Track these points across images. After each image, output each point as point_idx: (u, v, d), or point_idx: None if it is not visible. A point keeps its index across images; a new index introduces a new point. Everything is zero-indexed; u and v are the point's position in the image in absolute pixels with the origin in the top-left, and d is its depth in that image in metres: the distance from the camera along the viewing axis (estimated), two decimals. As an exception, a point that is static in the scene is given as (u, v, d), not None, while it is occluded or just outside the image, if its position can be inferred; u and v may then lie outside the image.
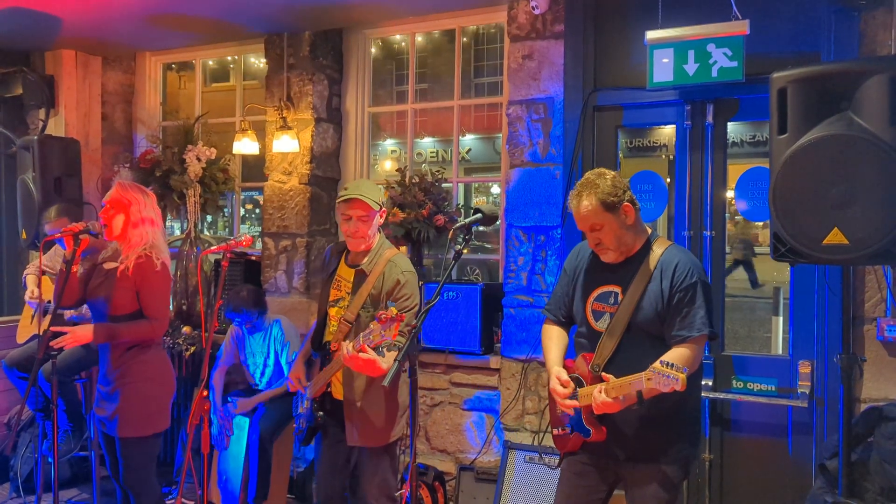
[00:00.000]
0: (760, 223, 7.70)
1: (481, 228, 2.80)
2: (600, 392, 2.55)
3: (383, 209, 3.20)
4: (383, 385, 2.55)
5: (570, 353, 2.91)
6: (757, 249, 8.89)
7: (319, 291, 3.39)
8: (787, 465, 3.84)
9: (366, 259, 3.19)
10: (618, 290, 2.71)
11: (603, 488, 2.79)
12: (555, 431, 2.85)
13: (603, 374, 2.62)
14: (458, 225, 2.63)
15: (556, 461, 2.98)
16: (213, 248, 2.93)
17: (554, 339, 2.91)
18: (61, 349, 3.39)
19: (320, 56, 5.11)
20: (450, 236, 2.66)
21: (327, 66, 5.16)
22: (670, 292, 2.63)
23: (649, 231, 2.80)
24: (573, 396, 2.69)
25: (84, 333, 3.27)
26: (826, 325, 3.66)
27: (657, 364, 2.39)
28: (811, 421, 3.75)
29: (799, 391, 3.76)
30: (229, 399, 4.51)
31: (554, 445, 2.94)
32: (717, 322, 3.09)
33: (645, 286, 2.66)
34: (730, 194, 4.12)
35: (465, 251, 2.61)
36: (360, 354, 2.78)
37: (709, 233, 3.99)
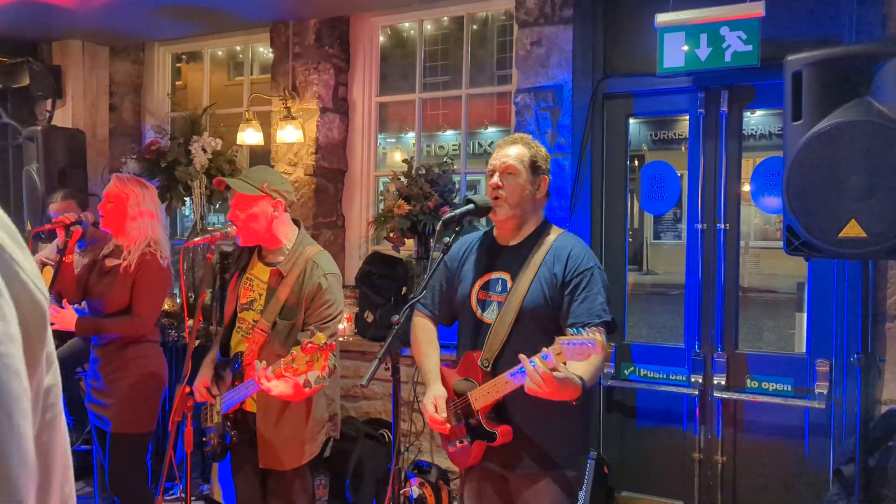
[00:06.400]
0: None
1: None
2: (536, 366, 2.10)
3: (278, 199, 2.81)
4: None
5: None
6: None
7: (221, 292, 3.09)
8: (804, 468, 3.68)
9: (282, 258, 2.85)
10: (506, 276, 2.49)
11: None
12: (450, 449, 2.56)
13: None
14: (446, 217, 2.46)
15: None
16: (196, 239, 2.81)
17: (431, 341, 2.64)
18: None
19: (326, 45, 5.00)
20: (437, 228, 2.50)
21: (334, 55, 5.05)
22: (563, 278, 2.41)
23: (544, 218, 2.60)
24: (464, 405, 2.44)
25: (69, 320, 3.22)
26: (845, 323, 3.49)
27: (562, 336, 2.10)
28: (829, 423, 3.58)
29: (816, 392, 3.59)
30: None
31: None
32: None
33: (536, 272, 2.44)
34: (748, 187, 3.96)
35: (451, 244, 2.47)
36: (280, 382, 2.51)
37: (722, 225, 3.82)
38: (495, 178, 2.48)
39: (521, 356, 2.16)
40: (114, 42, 5.88)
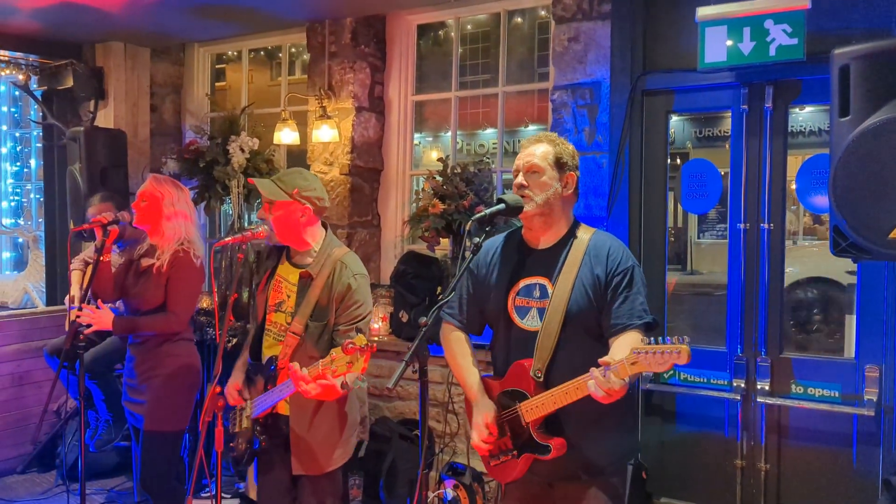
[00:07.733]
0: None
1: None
2: (605, 376, 2.06)
3: (306, 206, 2.78)
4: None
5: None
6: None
7: (255, 292, 3.01)
8: (851, 478, 3.54)
9: (311, 260, 2.84)
10: (544, 281, 2.41)
11: None
12: (493, 463, 2.49)
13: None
14: (476, 216, 2.39)
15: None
16: (227, 239, 2.81)
17: (467, 354, 2.58)
18: (88, 344, 3.35)
19: (362, 43, 4.98)
20: (466, 227, 2.44)
21: (369, 54, 5.03)
22: (606, 278, 2.35)
23: (574, 218, 2.53)
24: (512, 417, 2.39)
25: (106, 319, 3.25)
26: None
27: (638, 345, 2.04)
28: (878, 431, 3.44)
29: (865, 398, 3.47)
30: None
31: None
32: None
33: (576, 274, 2.37)
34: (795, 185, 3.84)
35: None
36: (319, 381, 2.48)
37: (766, 225, 3.70)
38: (520, 178, 2.43)
39: (593, 370, 2.11)
40: (155, 43, 5.96)
